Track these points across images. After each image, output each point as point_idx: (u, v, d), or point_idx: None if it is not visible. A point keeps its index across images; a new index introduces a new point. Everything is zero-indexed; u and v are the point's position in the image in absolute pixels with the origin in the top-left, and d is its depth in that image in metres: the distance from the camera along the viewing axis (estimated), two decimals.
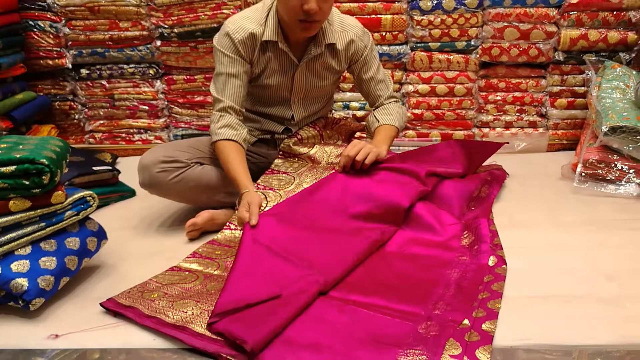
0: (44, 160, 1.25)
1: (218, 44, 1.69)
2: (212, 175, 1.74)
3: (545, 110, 2.57)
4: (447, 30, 2.47)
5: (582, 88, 2.51)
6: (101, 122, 2.77)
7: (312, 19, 1.54)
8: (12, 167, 1.22)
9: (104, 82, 2.69)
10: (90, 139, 2.80)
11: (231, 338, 1.09)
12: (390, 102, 1.88)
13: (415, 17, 2.46)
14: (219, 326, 1.13)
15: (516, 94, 2.56)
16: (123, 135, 2.79)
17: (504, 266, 1.42)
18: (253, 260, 1.31)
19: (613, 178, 1.96)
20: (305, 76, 1.78)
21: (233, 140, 1.64)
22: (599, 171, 1.98)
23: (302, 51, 1.72)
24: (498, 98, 2.57)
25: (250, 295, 1.20)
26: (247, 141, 1.73)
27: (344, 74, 2.37)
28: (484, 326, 1.15)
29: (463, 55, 2.51)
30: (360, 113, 2.62)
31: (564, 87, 2.53)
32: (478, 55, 2.50)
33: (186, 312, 1.22)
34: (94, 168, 2.06)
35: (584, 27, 2.41)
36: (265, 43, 1.69)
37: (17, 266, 1.23)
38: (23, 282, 1.21)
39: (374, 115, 1.87)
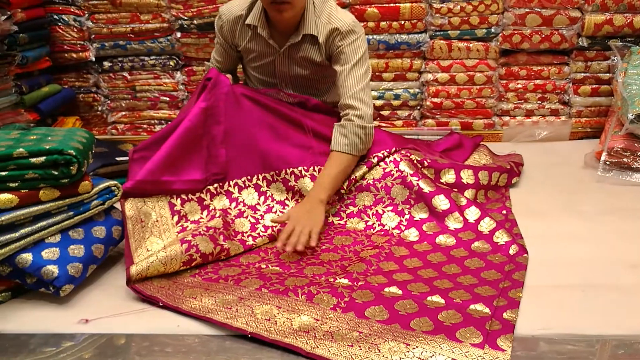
0: (72, 151, 1.28)
1: (215, 22, 1.84)
2: None
3: (568, 97, 2.53)
4: (466, 18, 2.44)
5: (607, 75, 2.46)
6: (123, 113, 2.81)
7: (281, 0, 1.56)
8: (42, 158, 1.26)
9: (125, 74, 2.73)
10: (113, 130, 2.85)
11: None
12: (350, 116, 1.65)
13: (435, 5, 2.44)
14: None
15: (538, 81, 2.52)
16: (144, 126, 2.82)
17: (525, 255, 1.42)
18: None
19: (639, 167, 1.93)
20: (286, 63, 1.79)
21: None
22: (624, 159, 1.95)
23: (286, 39, 1.74)
24: (519, 86, 2.54)
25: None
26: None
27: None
28: (505, 315, 1.15)
29: (483, 43, 2.48)
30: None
31: (587, 74, 2.48)
32: (498, 43, 2.47)
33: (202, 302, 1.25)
34: (117, 158, 2.10)
35: (609, 12, 2.35)
36: (248, 27, 1.74)
37: (47, 254, 1.27)
38: (53, 269, 1.25)
39: (334, 132, 1.67)
